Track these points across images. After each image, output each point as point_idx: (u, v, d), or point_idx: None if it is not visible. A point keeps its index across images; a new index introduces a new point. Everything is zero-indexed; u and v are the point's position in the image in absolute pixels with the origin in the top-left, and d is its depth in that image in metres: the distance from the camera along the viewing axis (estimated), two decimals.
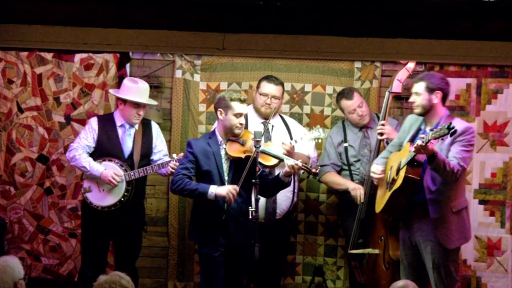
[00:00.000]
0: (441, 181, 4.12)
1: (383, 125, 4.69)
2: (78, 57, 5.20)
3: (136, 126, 4.72)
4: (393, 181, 4.19)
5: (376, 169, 4.36)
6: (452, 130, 3.83)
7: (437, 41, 4.74)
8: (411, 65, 4.80)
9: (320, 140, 4.71)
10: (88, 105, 5.27)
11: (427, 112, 4.22)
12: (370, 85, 5.28)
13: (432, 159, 3.99)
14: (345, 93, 4.89)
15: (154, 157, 4.76)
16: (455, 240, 4.18)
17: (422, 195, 4.15)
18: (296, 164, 4.10)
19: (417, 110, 4.22)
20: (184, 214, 5.34)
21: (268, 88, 4.83)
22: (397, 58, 4.94)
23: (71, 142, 4.84)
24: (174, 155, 4.59)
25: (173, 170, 4.43)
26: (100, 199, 4.62)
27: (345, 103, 4.88)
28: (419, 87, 4.22)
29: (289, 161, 4.14)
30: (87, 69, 5.25)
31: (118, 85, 5.01)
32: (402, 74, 4.78)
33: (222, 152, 4.26)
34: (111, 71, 5.24)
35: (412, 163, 4.10)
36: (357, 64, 5.29)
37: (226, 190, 4.05)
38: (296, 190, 4.94)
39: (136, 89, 4.63)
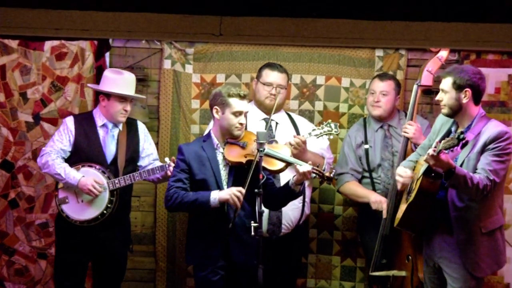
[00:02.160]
0: (468, 197, 4.07)
1: (410, 125, 4.71)
2: (48, 45, 5.19)
3: (120, 126, 4.74)
4: (411, 191, 4.23)
5: (403, 171, 4.28)
6: (463, 142, 3.80)
7: (474, 25, 4.58)
8: (443, 53, 4.79)
9: (331, 137, 4.71)
10: (60, 101, 5.26)
11: (456, 112, 4.18)
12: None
13: (449, 174, 3.92)
14: (382, 74, 4.97)
15: (142, 162, 4.80)
16: (485, 267, 4.11)
17: (446, 211, 4.14)
18: (306, 169, 4.13)
19: (444, 111, 4.19)
20: (174, 230, 5.39)
21: (272, 76, 4.87)
22: (427, 45, 4.93)
23: (40, 146, 4.88)
24: (167, 159, 4.60)
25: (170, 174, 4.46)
26: (79, 212, 4.63)
27: (374, 81, 4.92)
28: (446, 83, 4.16)
29: (300, 166, 4.14)
30: (59, 59, 5.25)
31: (96, 78, 5.10)
32: (432, 64, 4.77)
33: (219, 157, 4.30)
34: (88, 62, 5.25)
35: (428, 174, 4.06)
36: (379, 52, 5.34)
37: (228, 193, 4.07)
38: (307, 200, 4.96)
39: (121, 81, 4.65)
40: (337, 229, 5.38)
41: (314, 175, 4.26)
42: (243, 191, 4.01)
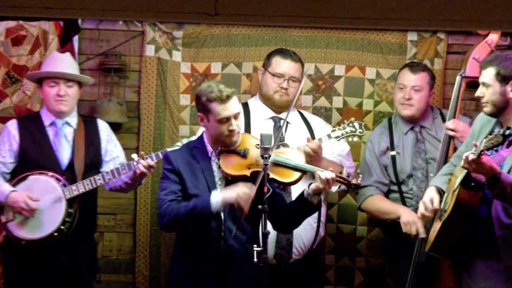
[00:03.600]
0: None
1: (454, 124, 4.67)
2: (2, 26, 5.16)
3: (74, 124, 4.74)
4: (446, 206, 4.25)
5: (429, 199, 4.26)
6: (510, 138, 3.78)
7: None
8: (493, 37, 4.73)
9: (356, 139, 4.71)
10: (17, 96, 5.24)
11: (500, 110, 4.17)
12: (430, 66, 5.26)
13: (493, 182, 3.90)
14: (414, 64, 4.95)
15: (107, 167, 4.77)
16: None
17: (490, 230, 4.11)
18: (329, 176, 4.07)
19: (487, 109, 4.19)
20: (157, 256, 5.39)
21: (284, 66, 4.86)
22: (472, 27, 4.65)
23: None
24: (134, 156, 4.58)
25: (144, 170, 4.52)
26: (29, 229, 4.60)
27: (404, 73, 4.90)
28: (487, 75, 4.16)
29: (321, 172, 4.08)
30: (17, 43, 5.23)
31: None
32: (480, 51, 4.72)
33: (215, 168, 4.26)
34: (51, 47, 5.19)
35: (467, 184, 4.05)
36: (412, 36, 5.34)
37: (235, 192, 4.02)
38: (322, 219, 4.93)
39: (50, 60, 4.70)
40: (360, 255, 5.40)
41: (338, 184, 4.25)
42: (254, 188, 3.93)
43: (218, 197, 4.07)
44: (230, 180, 4.20)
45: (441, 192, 4.34)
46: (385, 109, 5.34)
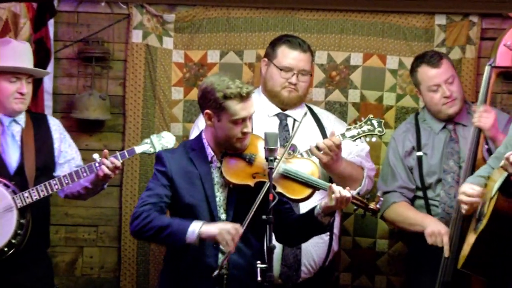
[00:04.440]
0: None
1: (486, 111, 4.66)
2: None
3: (22, 122, 4.71)
4: (482, 217, 4.24)
5: (469, 188, 4.26)
6: None
7: None
8: None
9: (374, 139, 4.69)
10: None
11: None
12: (461, 54, 5.30)
13: None
14: (428, 57, 4.87)
15: (61, 171, 4.74)
16: None
17: None
18: (344, 196, 4.04)
19: None
20: (146, 273, 5.36)
21: (292, 57, 4.82)
22: (508, 9, 4.97)
23: None
24: (96, 156, 4.55)
25: (108, 172, 4.51)
26: None
27: (425, 72, 4.85)
28: None
29: (335, 190, 4.05)
30: None
31: (35, 56, 4.96)
32: None
33: (215, 174, 4.22)
34: (23, 33, 5.11)
35: (507, 189, 4.02)
36: (440, 20, 5.33)
37: (218, 228, 4.00)
38: (336, 231, 4.91)
39: (10, 50, 4.65)
40: (381, 273, 5.36)
41: (355, 206, 4.26)
42: (241, 230, 3.97)
43: (197, 228, 4.02)
44: (231, 189, 4.17)
45: None
46: (409, 104, 5.30)
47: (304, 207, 4.50)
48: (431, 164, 4.87)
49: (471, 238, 4.23)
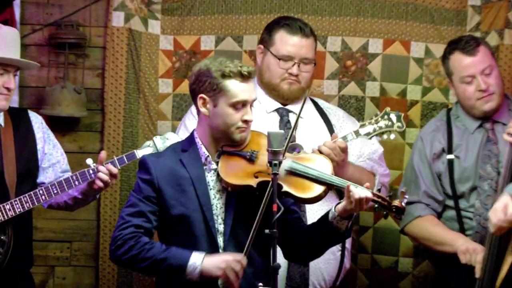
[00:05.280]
0: None
1: None
2: None
3: (1, 120, 4.67)
4: None
5: (502, 206, 4.18)
6: None
7: None
8: None
9: (393, 136, 4.56)
10: None
11: None
12: (499, 40, 5.26)
13: None
14: (463, 42, 4.80)
15: (45, 176, 4.70)
16: None
17: None
18: (364, 194, 3.97)
19: None
20: None
21: (292, 44, 4.75)
22: None
23: None
24: (89, 161, 4.48)
25: (101, 184, 4.47)
26: None
27: (458, 60, 4.78)
28: None
29: (355, 189, 3.98)
30: None
31: None
32: None
33: (211, 178, 4.15)
34: None
35: None
36: (473, 0, 5.30)
37: (223, 264, 3.95)
38: (348, 246, 4.84)
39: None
40: None
41: (377, 206, 4.08)
42: (245, 262, 3.93)
43: (200, 263, 3.99)
44: (230, 193, 4.09)
45: None
46: (437, 98, 5.23)
47: (311, 213, 4.52)
48: (464, 169, 4.77)
49: (509, 259, 4.24)
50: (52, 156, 4.70)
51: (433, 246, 4.73)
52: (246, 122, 4.10)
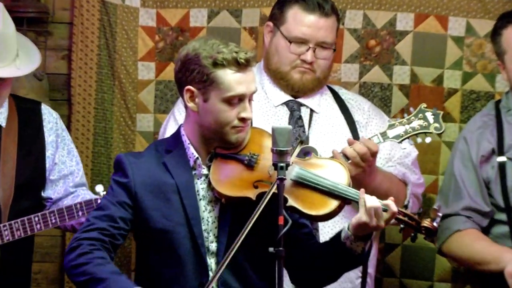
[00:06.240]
0: None
1: None
2: None
3: (3, 118, 4.53)
4: None
5: None
6: None
7: None
8: None
9: (429, 140, 4.39)
10: None
11: None
12: None
13: None
14: None
15: (52, 191, 4.57)
16: None
17: None
18: (386, 209, 3.83)
19: None
20: None
21: (308, 23, 4.59)
22: None
23: None
24: (100, 188, 4.45)
25: None
26: None
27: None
28: None
29: (370, 202, 3.81)
30: None
31: None
32: None
33: (201, 185, 4.02)
34: None
35: None
36: None
37: None
38: (371, 271, 4.66)
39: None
40: None
41: (402, 225, 4.00)
42: None
43: None
44: (224, 205, 3.95)
45: None
46: (481, 86, 5.08)
47: (325, 230, 4.46)
48: None
49: None
50: (65, 165, 4.59)
51: (474, 266, 4.59)
52: (243, 120, 3.95)
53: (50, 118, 4.62)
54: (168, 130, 4.55)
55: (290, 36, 4.52)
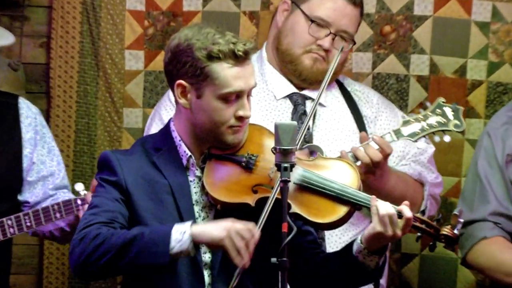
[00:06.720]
0: None
1: None
2: None
3: None
4: None
5: None
6: None
7: None
8: None
9: (447, 139, 4.29)
10: None
11: None
12: None
13: None
14: None
15: (30, 193, 4.53)
16: None
17: None
18: (401, 216, 3.74)
19: None
20: None
21: (334, 6, 4.53)
22: None
23: None
24: (80, 186, 4.37)
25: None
26: None
27: None
28: None
29: (382, 208, 3.71)
30: None
31: None
32: None
33: (194, 189, 3.94)
34: None
35: None
36: None
37: (223, 229, 3.67)
38: (384, 283, 4.59)
39: None
40: None
41: (419, 233, 3.89)
42: (257, 234, 3.64)
43: (187, 229, 3.66)
44: (220, 211, 3.88)
45: None
46: (509, 78, 5.02)
47: (332, 239, 4.42)
48: None
49: None
50: (45, 166, 4.53)
51: (503, 278, 4.44)
52: (241, 119, 3.85)
53: (29, 113, 4.56)
54: (152, 129, 4.48)
55: (313, 15, 4.43)
